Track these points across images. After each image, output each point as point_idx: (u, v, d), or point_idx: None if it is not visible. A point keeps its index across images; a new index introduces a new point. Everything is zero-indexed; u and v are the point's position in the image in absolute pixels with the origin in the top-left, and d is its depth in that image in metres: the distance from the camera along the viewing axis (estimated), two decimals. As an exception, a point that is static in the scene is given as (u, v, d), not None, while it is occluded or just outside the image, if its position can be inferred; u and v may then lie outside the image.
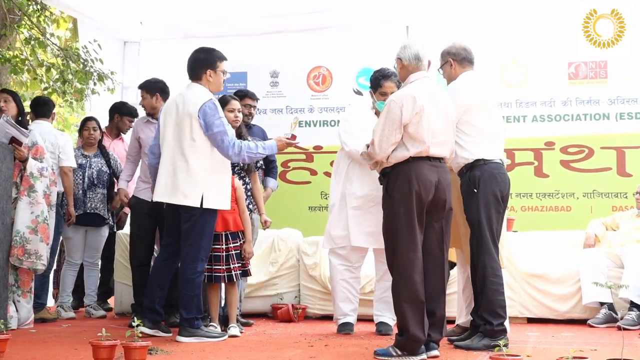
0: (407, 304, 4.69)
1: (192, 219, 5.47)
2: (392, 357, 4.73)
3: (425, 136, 4.75)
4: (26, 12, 9.04)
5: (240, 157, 5.54)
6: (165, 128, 5.59)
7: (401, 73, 5.06)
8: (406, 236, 4.72)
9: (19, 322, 5.98)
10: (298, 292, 7.14)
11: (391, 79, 5.92)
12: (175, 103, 5.59)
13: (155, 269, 5.72)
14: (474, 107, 5.20)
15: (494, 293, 5.03)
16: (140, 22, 8.68)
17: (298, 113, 8.80)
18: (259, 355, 4.89)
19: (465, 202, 5.15)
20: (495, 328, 4.99)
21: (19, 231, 5.84)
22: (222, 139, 5.43)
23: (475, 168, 5.09)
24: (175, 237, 5.62)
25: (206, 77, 5.61)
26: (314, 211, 8.51)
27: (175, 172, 5.47)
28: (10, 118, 5.96)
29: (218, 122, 5.44)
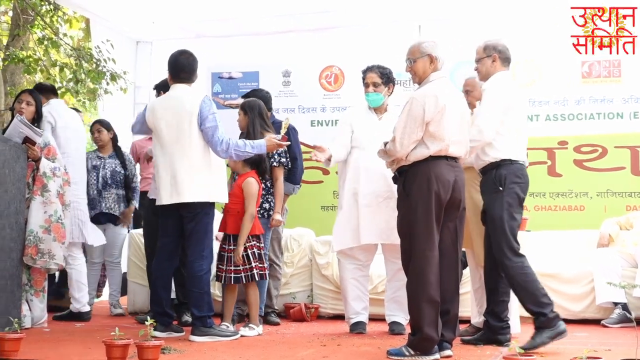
0: (422, 303, 4.67)
1: (195, 218, 5.52)
2: (405, 356, 4.72)
3: (446, 135, 4.75)
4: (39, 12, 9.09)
5: (228, 154, 5.60)
6: (159, 131, 5.61)
7: (429, 70, 4.95)
8: (424, 236, 4.71)
9: (32, 322, 6.00)
10: (310, 291, 7.15)
11: (372, 70, 6.03)
12: (166, 106, 5.62)
13: (156, 272, 5.75)
14: (513, 107, 5.18)
15: (532, 284, 5.01)
16: (153, 21, 8.71)
17: (310, 112, 8.81)
18: (271, 355, 4.89)
19: (488, 199, 5.15)
20: (549, 316, 4.95)
21: (32, 230, 5.86)
22: (212, 134, 5.50)
23: (502, 167, 5.10)
24: (171, 236, 5.67)
25: (193, 80, 5.74)
26: (326, 211, 8.50)
27: (177, 172, 5.51)
28: (24, 118, 5.99)
29: (212, 117, 5.52)
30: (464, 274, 5.91)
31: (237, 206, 5.76)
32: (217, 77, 9.04)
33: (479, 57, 5.37)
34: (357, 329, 5.94)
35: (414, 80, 5.09)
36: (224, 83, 8.98)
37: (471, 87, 5.82)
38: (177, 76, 5.70)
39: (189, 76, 5.72)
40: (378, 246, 6.05)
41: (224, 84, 8.99)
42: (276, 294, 6.69)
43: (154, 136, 5.73)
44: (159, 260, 5.74)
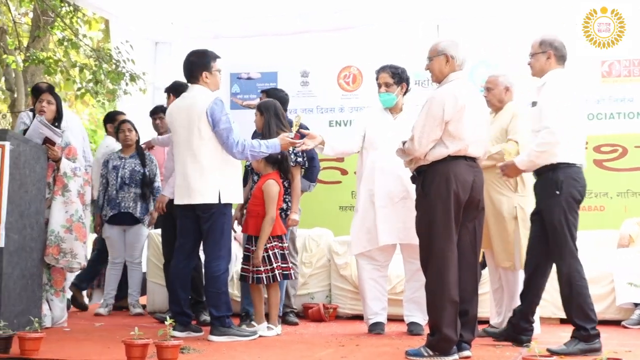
0: (441, 304, 4.67)
1: (211, 218, 5.53)
2: (423, 357, 4.71)
3: (465, 135, 4.74)
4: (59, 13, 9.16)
5: (244, 156, 5.60)
6: (175, 132, 5.69)
7: (445, 69, 4.93)
8: (443, 236, 4.69)
9: (52, 321, 6.03)
10: (329, 291, 7.14)
11: (384, 70, 6.03)
12: (181, 107, 5.66)
13: (174, 272, 5.77)
14: (571, 107, 5.06)
15: (583, 298, 4.90)
16: (172, 22, 8.75)
17: (328, 112, 8.81)
18: (290, 355, 4.89)
19: (544, 203, 5.03)
20: (590, 333, 4.86)
21: (54, 230, 5.90)
22: (227, 136, 5.50)
23: (559, 170, 4.95)
24: (189, 237, 5.69)
25: (203, 79, 5.69)
26: (344, 211, 8.49)
27: (189, 173, 5.54)
28: (44, 119, 6.02)
29: (225, 118, 5.52)
30: (482, 275, 5.91)
31: (258, 208, 5.77)
32: (235, 78, 9.06)
33: (534, 52, 5.20)
34: (375, 330, 5.93)
35: (433, 79, 5.08)
36: (243, 83, 9.00)
37: (492, 85, 5.78)
38: (188, 77, 5.75)
39: (192, 76, 5.72)
40: (396, 246, 6.03)
41: (242, 85, 9.01)
42: (294, 294, 6.70)
43: (172, 137, 5.78)
44: (177, 260, 5.76)
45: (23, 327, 5.25)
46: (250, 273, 5.78)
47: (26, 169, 5.62)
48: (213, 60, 5.74)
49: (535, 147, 4.94)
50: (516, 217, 5.56)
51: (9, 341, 4.74)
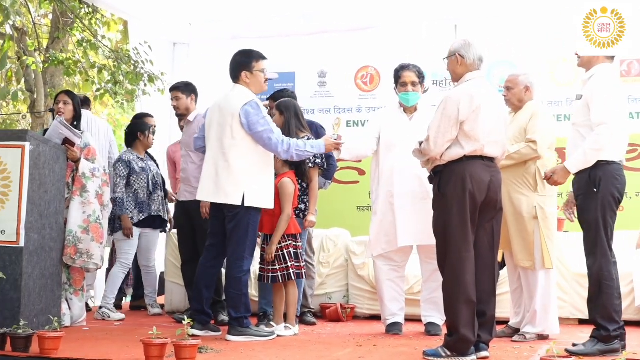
0: (458, 304, 4.66)
1: (235, 218, 5.50)
2: (441, 357, 4.70)
3: (481, 135, 4.73)
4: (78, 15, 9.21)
5: (289, 155, 5.56)
6: (209, 129, 5.66)
7: (458, 69, 4.97)
8: (459, 236, 4.69)
9: (72, 320, 6.07)
10: (346, 291, 7.15)
11: (409, 69, 6.00)
12: (218, 104, 5.65)
13: (200, 270, 5.76)
14: (619, 102, 4.98)
15: (609, 298, 4.84)
16: (190, 23, 8.77)
17: (346, 113, 8.80)
18: (308, 355, 4.90)
19: (582, 202, 4.95)
20: (611, 334, 4.81)
21: (72, 231, 5.93)
22: (268, 137, 5.46)
23: (598, 168, 4.85)
24: (219, 237, 5.67)
25: (243, 78, 5.66)
26: (362, 211, 8.49)
27: (218, 171, 5.52)
28: (63, 119, 6.07)
29: (262, 121, 5.48)
30: (500, 275, 5.89)
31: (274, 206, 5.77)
32: (253, 78, 9.07)
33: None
34: (393, 330, 5.93)
35: (452, 79, 5.10)
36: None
37: (512, 85, 5.74)
38: (232, 76, 5.73)
39: (234, 75, 5.70)
40: (413, 247, 6.03)
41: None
42: (311, 294, 6.71)
43: (207, 131, 5.71)
44: (206, 259, 5.75)
45: (43, 326, 5.29)
46: (265, 272, 5.80)
47: (46, 169, 5.66)
48: (256, 61, 5.70)
49: (592, 145, 4.81)
50: (536, 217, 5.53)
51: (28, 340, 4.78)
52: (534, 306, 5.54)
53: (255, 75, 5.67)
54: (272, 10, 8.33)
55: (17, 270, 5.32)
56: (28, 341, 4.77)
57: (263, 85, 5.77)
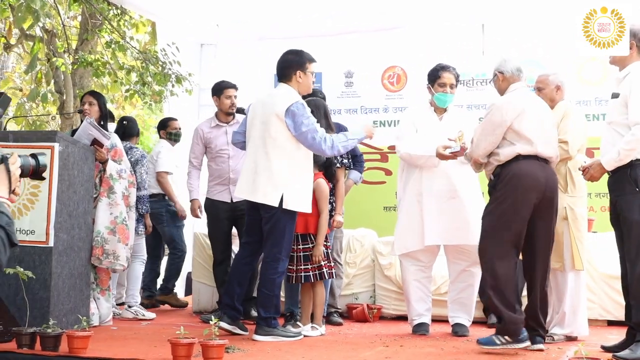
0: (500, 289, 4.93)
1: (272, 219, 5.48)
2: (496, 345, 4.91)
3: (530, 135, 5.00)
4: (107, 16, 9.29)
5: (335, 150, 5.52)
6: (251, 126, 5.62)
7: (502, 85, 5.33)
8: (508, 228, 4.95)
9: (100, 320, 6.12)
10: (373, 292, 7.14)
11: (449, 71, 5.99)
12: (262, 102, 5.63)
13: (235, 266, 5.77)
14: None
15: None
16: (217, 24, 8.80)
17: (372, 113, 8.78)
18: (334, 355, 4.90)
19: (622, 201, 4.88)
20: None
21: (99, 232, 5.98)
22: (312, 137, 5.43)
23: (638, 167, 4.78)
24: (255, 235, 5.65)
25: (296, 78, 5.65)
26: (388, 211, 8.47)
27: (258, 170, 5.50)
28: (93, 120, 6.12)
29: (307, 121, 5.46)
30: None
31: None
32: (280, 79, 9.09)
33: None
34: (420, 331, 5.91)
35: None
36: (287, 84, 9.02)
37: (543, 85, 5.71)
38: (280, 75, 5.73)
39: (283, 74, 5.68)
40: (440, 247, 6.01)
41: (286, 85, 9.04)
42: (338, 294, 6.71)
43: (249, 128, 5.68)
44: (241, 255, 5.75)
45: (71, 325, 5.34)
46: (294, 272, 5.80)
47: (74, 169, 5.71)
48: (309, 62, 5.72)
49: (625, 146, 4.77)
50: (566, 218, 5.48)
51: (58, 339, 4.83)
52: (563, 307, 5.50)
53: (307, 75, 5.69)
54: (298, 11, 8.34)
55: (47, 270, 5.38)
56: (57, 340, 4.82)
57: (310, 86, 5.80)
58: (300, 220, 5.75)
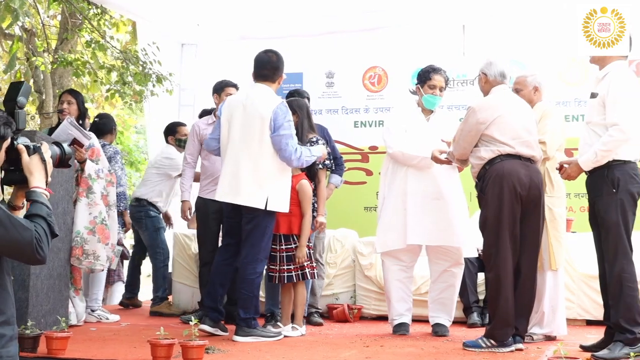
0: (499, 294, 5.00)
1: (254, 220, 5.49)
2: (482, 348, 4.97)
3: (507, 137, 5.08)
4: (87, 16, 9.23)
5: (300, 162, 5.56)
6: (230, 129, 5.58)
7: (485, 86, 5.41)
8: (499, 228, 5.00)
9: (77, 319, 6.08)
10: (354, 292, 7.14)
11: (440, 73, 6.00)
12: (242, 103, 5.59)
13: (216, 268, 5.75)
14: (636, 101, 4.93)
15: (632, 300, 4.81)
16: (198, 24, 8.78)
17: (353, 113, 8.80)
18: (314, 355, 4.90)
19: (600, 203, 4.91)
20: (637, 336, 4.77)
21: (79, 232, 5.95)
22: (286, 142, 5.44)
23: (615, 168, 4.82)
24: (236, 237, 5.65)
25: (279, 80, 5.69)
26: (369, 211, 8.49)
27: (240, 172, 5.48)
28: (73, 120, 6.08)
29: (287, 124, 5.47)
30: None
31: (290, 207, 5.73)
32: (261, 79, 9.08)
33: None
34: (400, 330, 5.92)
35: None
36: (268, 84, 9.01)
37: (521, 86, 5.73)
38: (258, 74, 5.66)
39: (270, 74, 5.63)
40: (422, 247, 6.02)
41: (267, 86, 9.03)
42: (319, 294, 6.71)
43: (225, 129, 5.64)
44: (222, 257, 5.73)
45: (50, 326, 5.31)
46: (276, 273, 5.80)
47: (54, 169, 5.65)
48: (283, 65, 5.75)
49: (602, 146, 4.80)
50: (544, 217, 5.51)
51: (36, 340, 4.80)
52: (542, 307, 5.53)
53: (282, 78, 5.75)
54: (279, 11, 8.33)
55: (25, 271, 5.34)
56: (36, 341, 4.80)
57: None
58: (283, 221, 5.76)
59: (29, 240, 2.76)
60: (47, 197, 2.93)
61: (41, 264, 2.94)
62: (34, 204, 2.88)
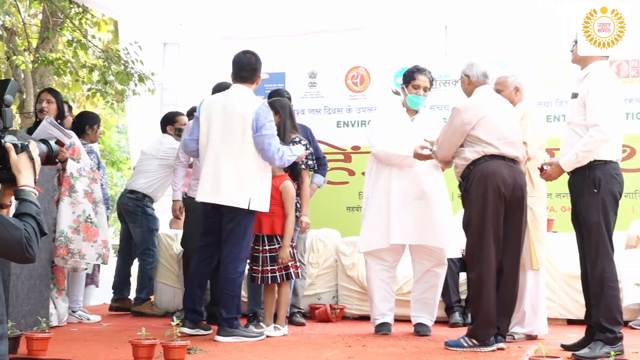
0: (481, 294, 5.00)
1: (235, 219, 5.49)
2: (463, 347, 4.98)
3: (491, 138, 5.09)
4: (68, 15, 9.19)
5: (283, 162, 5.57)
6: (210, 128, 5.57)
7: (468, 88, 5.42)
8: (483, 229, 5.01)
9: (58, 320, 6.05)
10: (336, 292, 7.15)
11: (425, 74, 6.01)
12: (222, 104, 5.58)
13: (194, 269, 5.74)
14: (616, 102, 4.97)
15: (613, 300, 4.83)
16: (180, 23, 8.76)
17: (336, 113, 8.82)
18: (297, 355, 4.90)
19: (582, 203, 4.91)
20: (617, 335, 4.79)
21: (63, 231, 5.92)
22: (269, 142, 5.44)
23: (596, 168, 4.82)
24: (214, 237, 5.64)
25: (258, 81, 5.70)
26: (352, 211, 8.50)
27: (221, 173, 5.48)
28: (53, 119, 6.04)
29: (269, 124, 5.48)
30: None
31: (273, 207, 5.74)
32: (243, 78, 9.06)
33: (576, 40, 5.08)
34: (382, 330, 5.93)
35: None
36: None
37: (502, 87, 5.73)
38: (238, 75, 5.66)
39: (249, 76, 5.63)
40: (405, 247, 6.03)
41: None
42: (302, 294, 6.71)
43: (205, 130, 5.62)
44: (200, 258, 5.72)
45: (31, 327, 5.27)
46: (259, 273, 5.79)
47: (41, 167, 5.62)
48: (260, 65, 5.74)
49: (582, 147, 4.80)
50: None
51: (17, 341, 4.76)
52: (523, 307, 5.54)
53: (260, 79, 5.75)
54: (262, 11, 8.32)
55: (5, 271, 5.30)
56: (16, 342, 4.75)
57: None
58: (266, 222, 5.76)
59: (19, 239, 2.75)
60: (36, 196, 2.91)
61: (31, 263, 2.93)
62: (23, 202, 2.86)
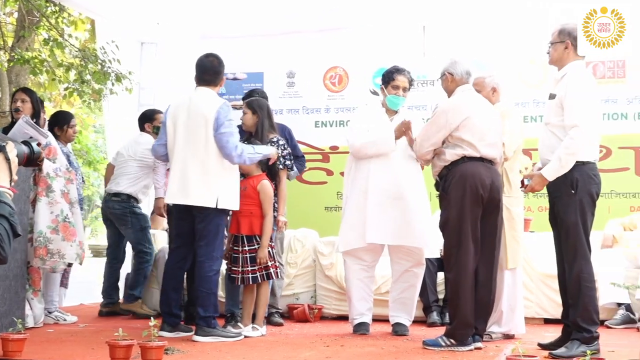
0: (460, 294, 5.02)
1: (206, 219, 5.52)
2: (441, 347, 5.01)
3: (474, 139, 5.12)
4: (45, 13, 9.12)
5: (242, 159, 5.57)
6: (175, 131, 5.62)
7: (450, 86, 5.40)
8: (460, 230, 5.03)
9: (34, 321, 5.99)
10: (314, 292, 7.15)
11: (404, 74, 6.03)
12: (186, 107, 5.62)
13: (168, 273, 5.76)
14: (594, 102, 4.99)
15: (590, 300, 4.85)
16: (157, 22, 8.72)
17: (314, 113, 8.82)
18: (275, 355, 4.89)
19: (560, 204, 4.92)
20: (593, 335, 4.82)
21: (42, 232, 5.87)
22: (227, 140, 5.48)
23: (574, 169, 4.81)
24: (186, 239, 5.67)
25: (221, 83, 5.76)
26: (330, 211, 8.50)
27: (188, 173, 5.51)
28: (29, 118, 5.99)
29: (228, 123, 5.52)
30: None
31: (251, 207, 5.75)
32: (221, 78, 9.04)
33: (553, 41, 5.07)
34: (360, 330, 5.94)
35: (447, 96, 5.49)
36: (228, 84, 8.93)
37: (479, 87, 5.74)
38: (201, 78, 5.71)
39: (213, 79, 5.69)
40: (384, 247, 6.03)
41: (228, 85, 8.94)
42: (280, 294, 6.70)
43: (171, 134, 5.65)
44: (172, 261, 5.75)
45: (6, 328, 5.22)
46: (239, 274, 5.77)
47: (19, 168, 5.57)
48: (222, 67, 5.78)
49: (565, 150, 4.78)
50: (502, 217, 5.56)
51: (-9, 342, 4.72)
52: (500, 306, 5.57)
53: (224, 81, 5.81)
54: (240, 10, 8.30)
55: (-20, 272, 5.25)
56: (-9, 343, 4.71)
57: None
58: (245, 222, 5.75)
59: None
60: (11, 197, 2.88)
61: (3, 264, 2.90)
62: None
